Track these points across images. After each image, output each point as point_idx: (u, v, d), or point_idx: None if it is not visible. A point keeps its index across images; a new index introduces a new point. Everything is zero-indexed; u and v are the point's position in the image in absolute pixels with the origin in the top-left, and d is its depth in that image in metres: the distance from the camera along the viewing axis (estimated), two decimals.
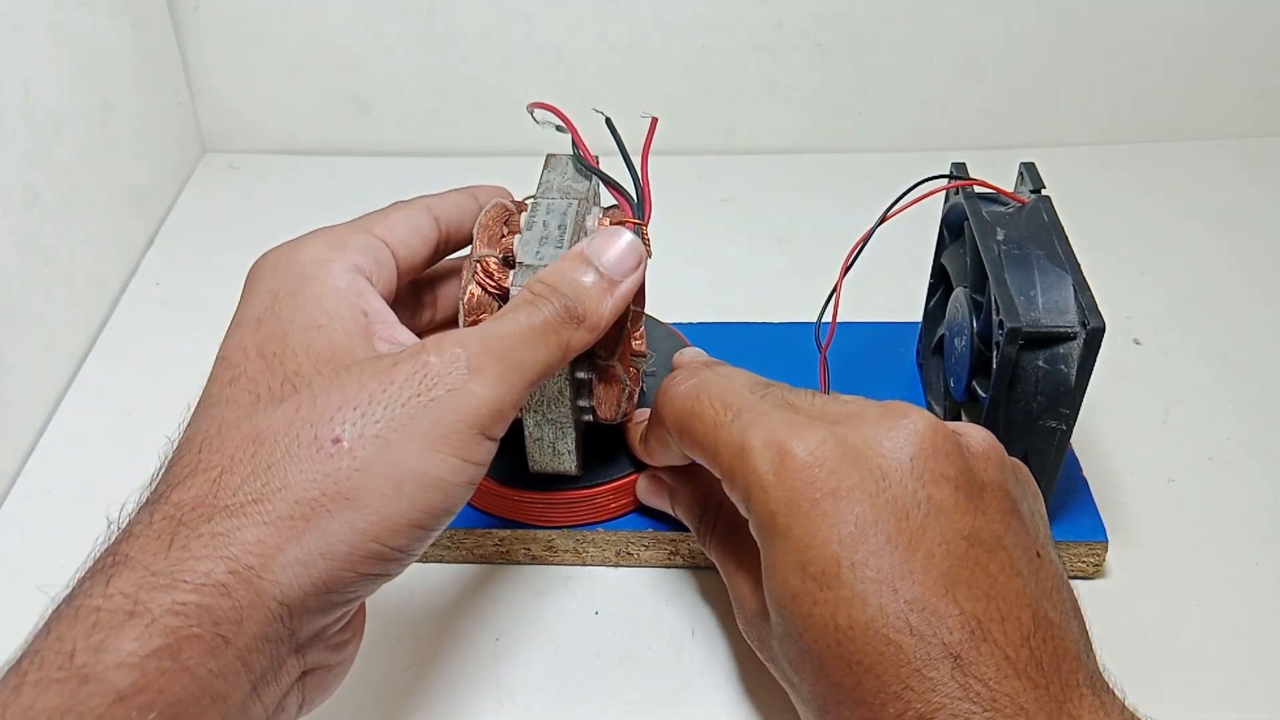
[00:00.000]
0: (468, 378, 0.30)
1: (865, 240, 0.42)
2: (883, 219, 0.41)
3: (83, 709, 0.24)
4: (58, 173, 0.55)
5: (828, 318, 0.43)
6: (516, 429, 0.42)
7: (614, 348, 0.39)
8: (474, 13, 0.66)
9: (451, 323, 0.42)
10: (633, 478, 0.43)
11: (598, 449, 0.44)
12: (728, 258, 0.61)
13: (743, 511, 0.33)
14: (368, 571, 0.29)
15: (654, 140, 0.39)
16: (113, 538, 0.28)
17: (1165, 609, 0.42)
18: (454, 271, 0.43)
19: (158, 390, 0.54)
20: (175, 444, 0.31)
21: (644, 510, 0.44)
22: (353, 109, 0.70)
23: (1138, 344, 0.55)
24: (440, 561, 0.45)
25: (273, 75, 0.69)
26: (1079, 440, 0.48)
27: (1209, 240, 0.62)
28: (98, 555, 0.28)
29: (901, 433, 0.31)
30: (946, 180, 0.43)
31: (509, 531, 0.44)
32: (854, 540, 0.30)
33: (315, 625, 0.29)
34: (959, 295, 0.43)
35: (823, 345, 0.42)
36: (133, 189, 0.63)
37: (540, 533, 0.44)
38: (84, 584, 0.27)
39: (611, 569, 0.45)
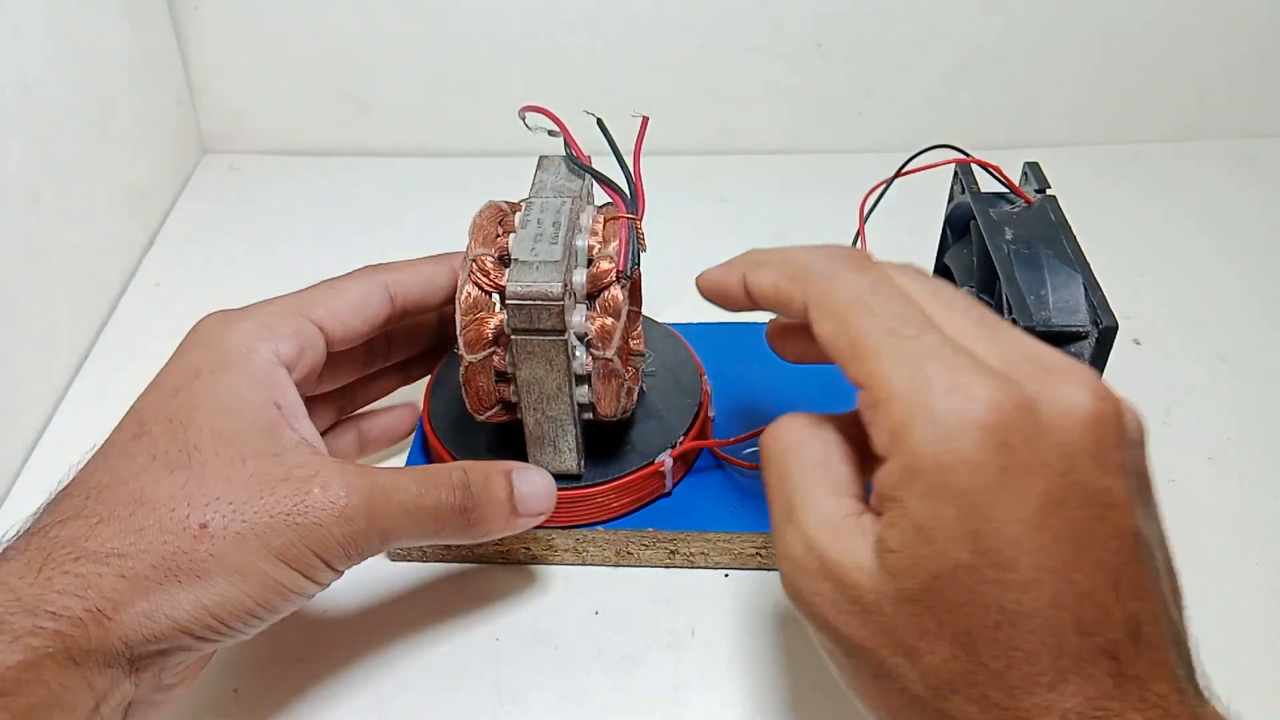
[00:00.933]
0: (333, 521, 0.34)
1: (886, 184, 0.41)
2: (899, 173, 0.41)
3: None
4: (58, 173, 0.55)
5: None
6: (516, 429, 0.42)
7: (612, 342, 0.39)
8: (474, 13, 0.66)
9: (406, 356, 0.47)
10: (633, 476, 0.43)
11: (598, 448, 0.43)
12: (727, 258, 0.61)
13: (882, 448, 0.29)
14: (201, 636, 0.33)
15: (654, 140, 0.39)
16: None
17: None
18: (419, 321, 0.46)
19: None
20: (68, 480, 0.34)
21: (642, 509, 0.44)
22: (353, 109, 0.70)
23: (1138, 344, 0.55)
24: (441, 561, 0.45)
25: (273, 75, 0.69)
26: None
27: (1209, 240, 0.62)
28: None
29: (1092, 412, 0.28)
30: (959, 155, 0.43)
31: None
32: (1038, 522, 0.27)
33: (151, 664, 0.33)
34: None
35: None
36: (133, 189, 0.63)
37: (540, 532, 0.44)
38: None
39: (611, 569, 0.45)
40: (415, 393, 0.49)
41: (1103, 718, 0.27)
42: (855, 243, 0.43)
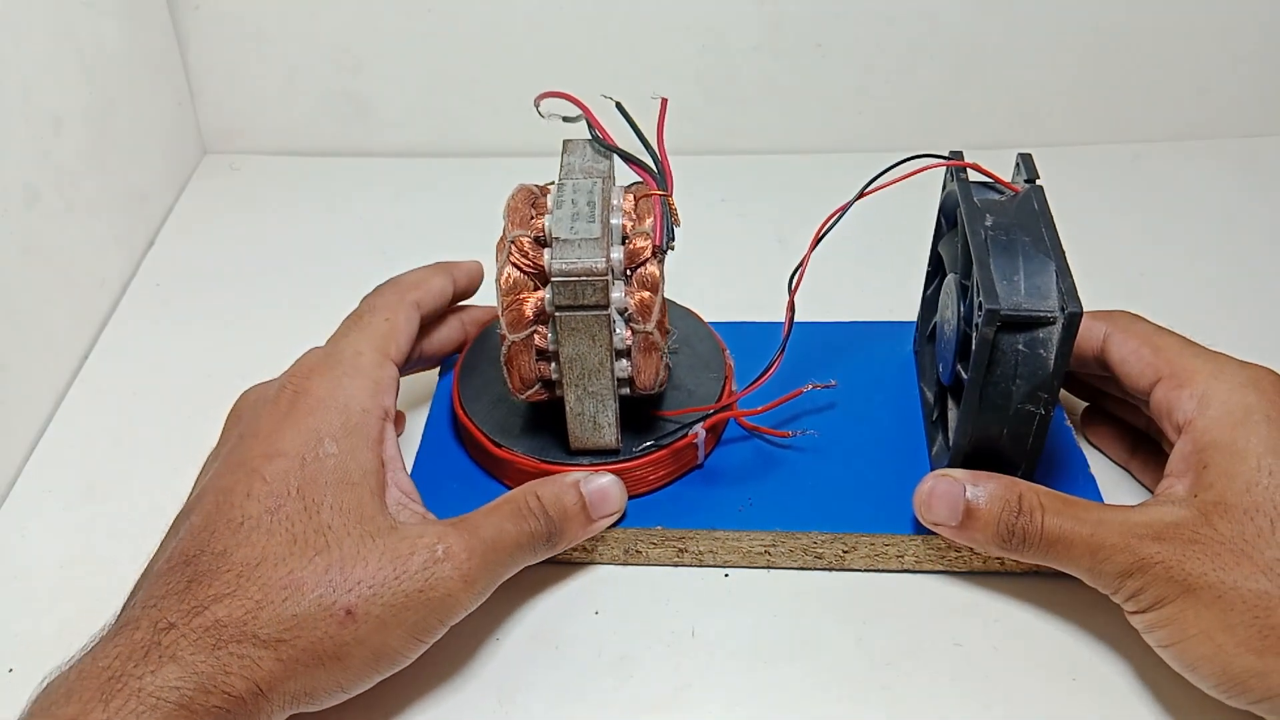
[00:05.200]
0: (461, 589, 0.37)
1: (841, 212, 0.42)
2: (861, 194, 0.41)
3: None
4: (58, 173, 0.55)
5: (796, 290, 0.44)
6: (553, 408, 0.43)
7: (651, 315, 0.40)
8: (474, 13, 0.66)
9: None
10: (669, 449, 0.44)
11: (631, 424, 0.44)
12: (728, 258, 0.61)
13: (1188, 412, 0.40)
14: (324, 702, 0.37)
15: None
16: (145, 621, 0.34)
17: None
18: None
19: (158, 390, 0.54)
20: (203, 543, 0.36)
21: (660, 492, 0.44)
22: (353, 109, 0.70)
23: None
24: None
25: (273, 75, 0.69)
26: (1082, 440, 0.48)
27: (1209, 240, 0.62)
28: (133, 634, 0.34)
29: None
30: (932, 160, 0.43)
31: None
32: None
33: None
34: (949, 282, 0.43)
35: (791, 295, 0.43)
36: (133, 189, 0.63)
37: None
38: (133, 665, 0.33)
39: (615, 567, 0.45)
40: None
41: None
42: (795, 277, 0.43)
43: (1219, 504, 0.37)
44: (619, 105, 0.42)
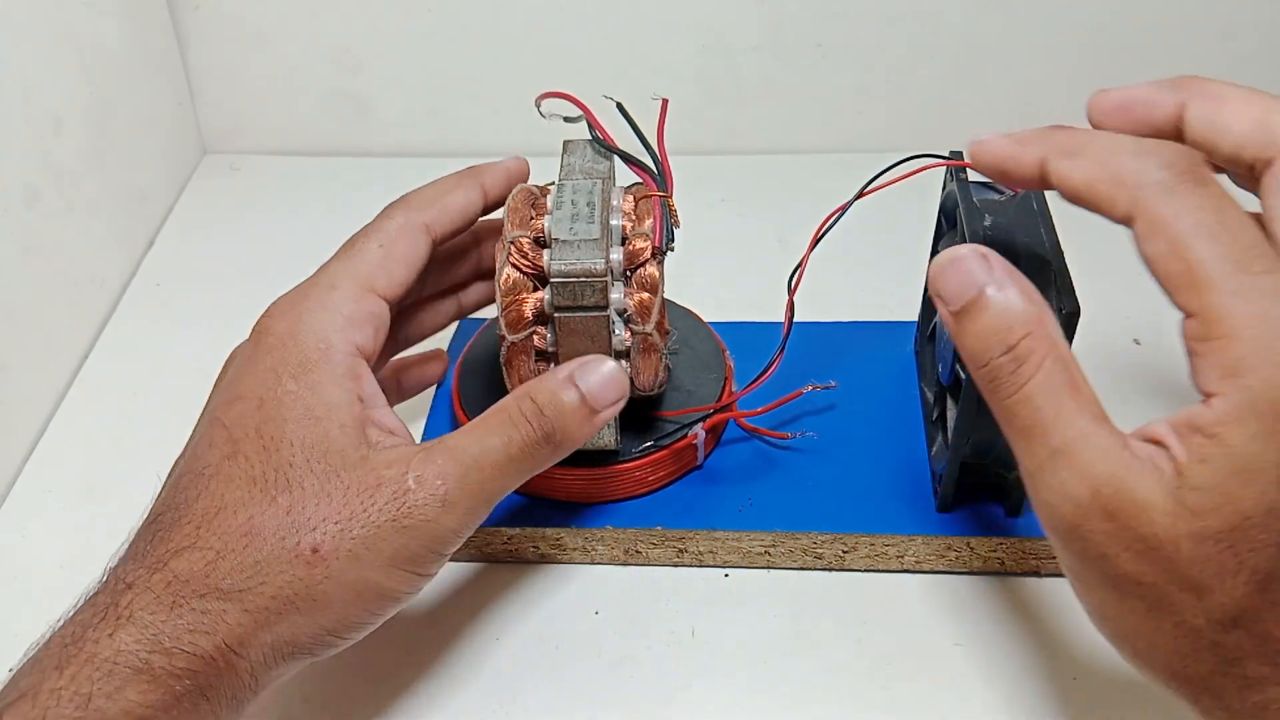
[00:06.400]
0: (441, 511, 0.34)
1: (840, 213, 0.42)
2: (860, 194, 0.41)
3: None
4: (58, 173, 0.55)
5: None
6: None
7: (651, 316, 0.40)
8: (474, 12, 0.66)
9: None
10: (668, 450, 0.44)
11: (631, 425, 0.44)
12: (728, 258, 0.61)
13: (1210, 383, 0.28)
14: (319, 651, 0.34)
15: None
16: (109, 584, 0.33)
17: None
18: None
19: (158, 390, 0.54)
20: (167, 496, 0.35)
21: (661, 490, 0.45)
22: (353, 109, 0.70)
23: (1138, 344, 0.55)
24: (448, 559, 0.45)
25: (273, 75, 0.69)
26: None
27: None
28: (95, 596, 0.32)
29: None
30: (932, 160, 0.43)
31: (518, 529, 0.44)
32: None
33: (271, 685, 0.34)
34: None
35: (790, 295, 0.43)
36: (133, 189, 0.63)
37: (549, 530, 0.44)
38: (90, 630, 0.31)
39: (615, 568, 0.45)
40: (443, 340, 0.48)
41: None
42: (794, 277, 0.43)
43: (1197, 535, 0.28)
44: (619, 105, 0.42)
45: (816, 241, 0.42)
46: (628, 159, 0.42)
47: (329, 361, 0.36)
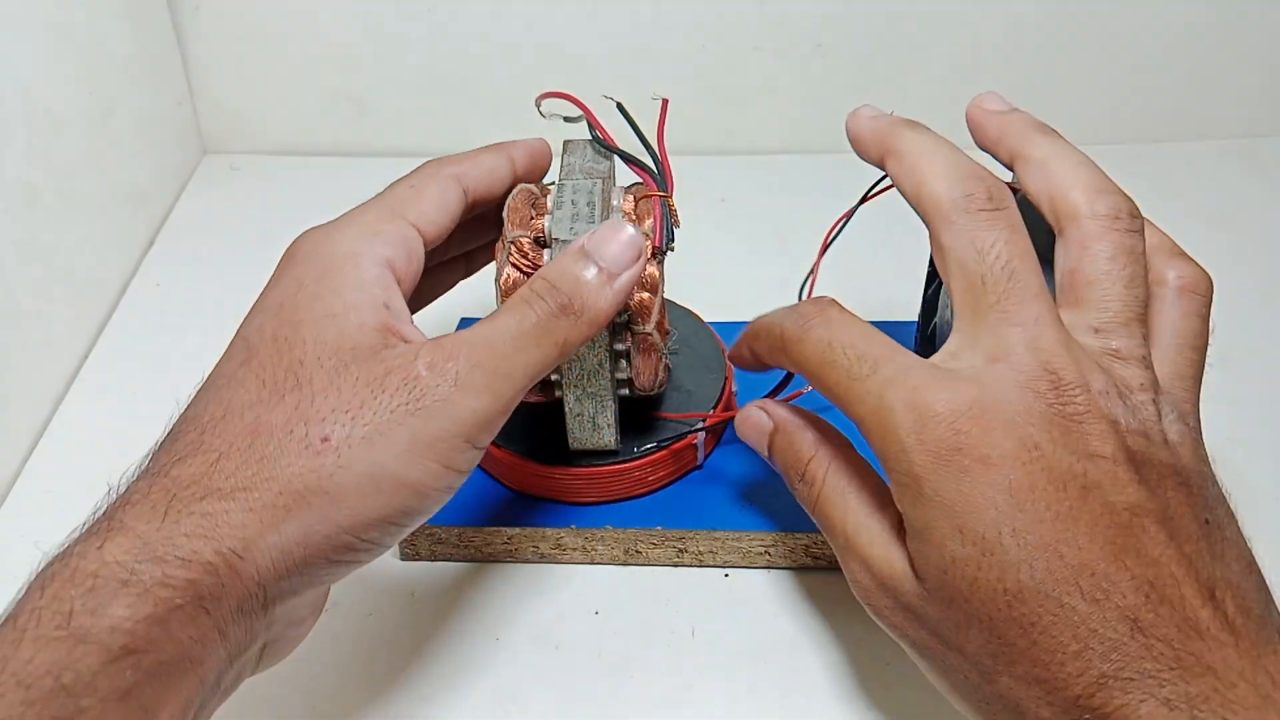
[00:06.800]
0: (455, 391, 0.32)
1: (846, 219, 0.42)
2: (865, 198, 0.42)
3: (79, 666, 0.26)
4: (58, 173, 0.55)
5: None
6: (552, 409, 0.43)
7: (650, 316, 0.40)
8: (474, 12, 0.66)
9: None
10: (668, 450, 0.44)
11: (631, 425, 0.44)
12: (728, 258, 0.61)
13: (883, 469, 0.33)
14: (339, 559, 0.31)
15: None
16: (111, 502, 0.30)
17: None
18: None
19: (158, 390, 0.54)
20: (182, 413, 0.33)
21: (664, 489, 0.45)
22: (353, 109, 0.70)
23: None
24: (448, 560, 0.45)
25: (273, 75, 0.69)
26: None
27: (1209, 240, 0.62)
28: (95, 516, 0.30)
29: (1052, 405, 0.31)
30: None
31: (518, 530, 0.44)
32: (1011, 507, 0.30)
33: (287, 603, 0.31)
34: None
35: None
36: (133, 189, 0.63)
37: (549, 530, 0.44)
38: (79, 544, 0.29)
39: (616, 568, 0.45)
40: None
41: (1137, 679, 0.28)
42: (806, 284, 0.43)
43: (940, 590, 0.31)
44: (619, 106, 0.42)
45: (825, 248, 0.42)
46: (628, 159, 0.42)
47: (355, 267, 0.34)
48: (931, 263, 0.48)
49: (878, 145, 0.37)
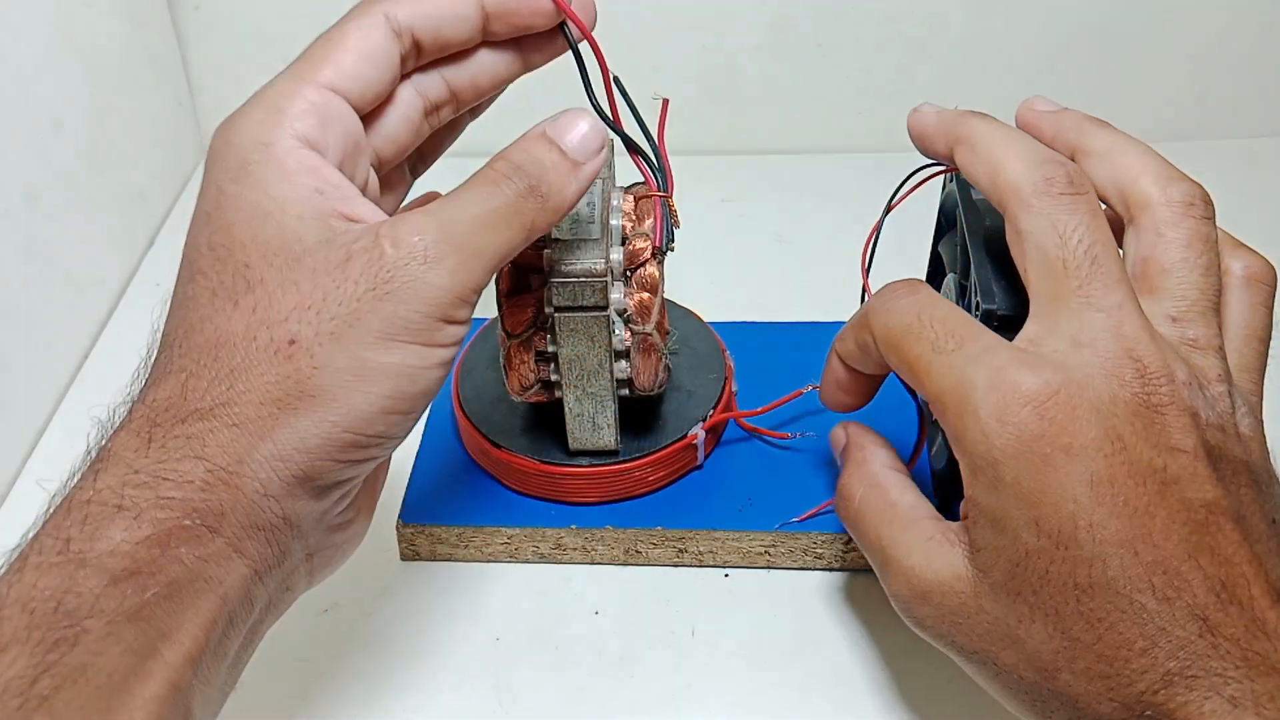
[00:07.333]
0: (425, 268, 0.30)
1: (876, 233, 0.42)
2: (888, 209, 0.42)
3: (81, 589, 0.26)
4: (58, 173, 0.55)
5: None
6: (552, 409, 0.43)
7: (650, 316, 0.40)
8: None
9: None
10: (668, 450, 0.44)
11: (631, 425, 0.44)
12: (728, 258, 0.61)
13: (954, 450, 0.32)
14: (349, 458, 0.30)
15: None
16: (105, 435, 0.30)
17: None
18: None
19: None
20: (156, 342, 0.32)
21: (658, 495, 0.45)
22: None
23: None
24: (448, 560, 0.45)
25: (272, 75, 0.69)
26: None
27: None
28: (90, 449, 0.30)
29: (1139, 395, 0.30)
30: (940, 168, 0.43)
31: (518, 529, 0.44)
32: (1090, 501, 0.29)
33: (312, 511, 0.30)
34: (949, 282, 0.43)
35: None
36: (133, 189, 0.63)
37: (549, 530, 0.44)
38: (74, 478, 0.29)
39: (616, 568, 0.45)
40: None
41: (1202, 677, 0.28)
42: (861, 295, 0.43)
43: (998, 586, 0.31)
44: (617, 80, 0.41)
45: (867, 270, 0.42)
46: (630, 145, 0.41)
47: (270, 158, 0.31)
48: (932, 261, 0.48)
49: (946, 137, 0.36)
